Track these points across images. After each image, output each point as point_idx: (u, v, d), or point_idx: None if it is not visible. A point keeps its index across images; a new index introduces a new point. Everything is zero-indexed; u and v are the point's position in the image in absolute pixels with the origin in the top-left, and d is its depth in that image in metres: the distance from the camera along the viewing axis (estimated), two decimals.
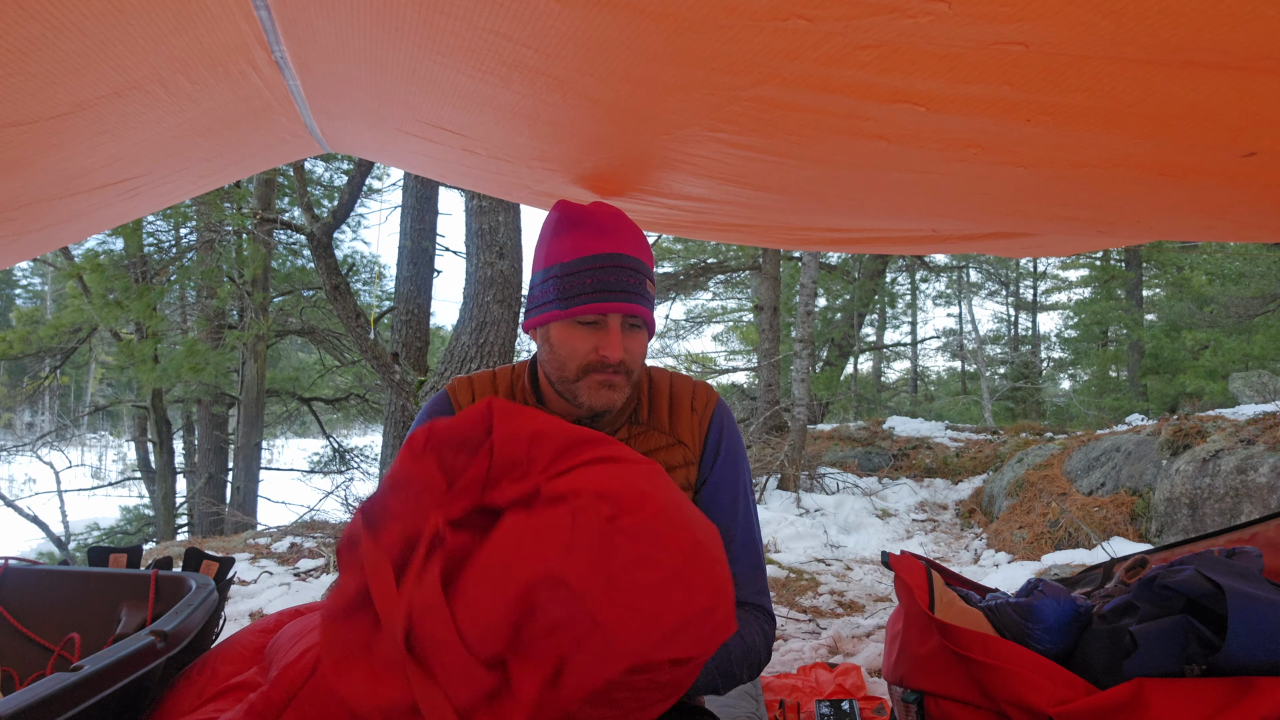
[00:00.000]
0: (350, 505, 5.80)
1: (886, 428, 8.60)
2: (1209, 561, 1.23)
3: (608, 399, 1.18)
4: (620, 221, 1.21)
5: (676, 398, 1.31)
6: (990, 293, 18.68)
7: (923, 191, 1.55)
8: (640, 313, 1.16)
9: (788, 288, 12.71)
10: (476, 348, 4.35)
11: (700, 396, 1.31)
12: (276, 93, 1.43)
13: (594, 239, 1.17)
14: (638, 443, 1.26)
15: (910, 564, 1.47)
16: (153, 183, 1.73)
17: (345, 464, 12.37)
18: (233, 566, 1.66)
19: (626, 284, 1.15)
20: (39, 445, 11.71)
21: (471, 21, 0.96)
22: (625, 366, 1.17)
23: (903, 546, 5.07)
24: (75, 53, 0.94)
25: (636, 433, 1.27)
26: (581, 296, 1.14)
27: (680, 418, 1.29)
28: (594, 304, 1.13)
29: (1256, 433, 4.05)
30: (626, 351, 1.16)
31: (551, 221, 1.24)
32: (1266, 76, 0.80)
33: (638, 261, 1.17)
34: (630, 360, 1.18)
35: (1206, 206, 1.46)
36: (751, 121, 1.18)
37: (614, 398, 1.18)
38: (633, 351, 1.18)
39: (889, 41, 0.83)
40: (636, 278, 1.16)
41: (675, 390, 1.32)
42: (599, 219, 1.20)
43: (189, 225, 9.94)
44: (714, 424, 1.29)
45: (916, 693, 1.35)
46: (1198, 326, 11.85)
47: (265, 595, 3.53)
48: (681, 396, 1.31)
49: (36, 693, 0.87)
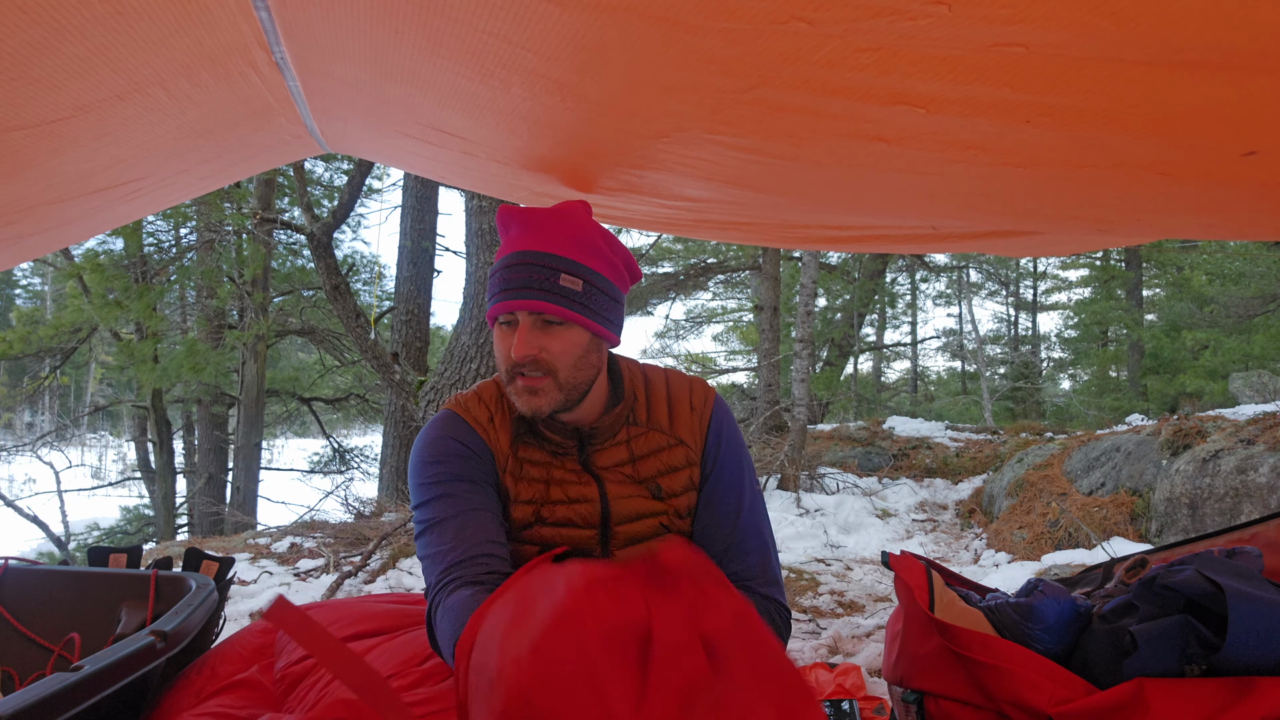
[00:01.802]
0: (350, 505, 5.80)
1: (886, 428, 8.60)
2: (1209, 561, 1.23)
3: (530, 404, 1.14)
4: (550, 218, 1.15)
5: (675, 397, 1.29)
6: (990, 293, 18.68)
7: (923, 192, 1.55)
8: (547, 310, 1.09)
9: (788, 288, 12.71)
10: (476, 348, 4.35)
11: (698, 394, 1.30)
12: (277, 94, 1.43)
13: (515, 240, 1.14)
14: (638, 444, 1.24)
15: (910, 564, 1.47)
16: (154, 184, 1.73)
17: (345, 464, 12.37)
18: (233, 566, 1.66)
19: (530, 280, 1.10)
20: (39, 445, 11.71)
21: (471, 24, 0.97)
22: (544, 366, 1.12)
23: (903, 546, 5.07)
24: (76, 57, 0.94)
25: (636, 433, 1.25)
26: (493, 298, 1.14)
27: (680, 417, 1.27)
28: (498, 303, 1.11)
29: (1256, 433, 4.05)
30: (543, 349, 1.11)
31: (499, 223, 1.21)
32: (1266, 76, 0.80)
33: (548, 256, 1.11)
34: (550, 359, 1.12)
35: (1207, 206, 1.46)
36: (751, 123, 1.18)
37: (537, 403, 1.13)
38: (551, 349, 1.12)
39: (888, 44, 0.83)
40: (544, 273, 1.10)
41: (673, 389, 1.30)
42: (527, 219, 1.15)
43: (189, 225, 9.94)
44: (714, 420, 1.28)
45: (916, 693, 1.35)
46: (1198, 326, 11.85)
47: (265, 595, 3.53)
48: (679, 395, 1.29)
49: (36, 693, 0.87)
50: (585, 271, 1.13)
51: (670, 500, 1.23)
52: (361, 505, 5.79)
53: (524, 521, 1.19)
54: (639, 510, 1.21)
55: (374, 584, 3.59)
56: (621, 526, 1.20)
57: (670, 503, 1.23)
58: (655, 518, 1.22)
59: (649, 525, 1.21)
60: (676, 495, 1.23)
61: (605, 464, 1.22)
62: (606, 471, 1.22)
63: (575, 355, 1.14)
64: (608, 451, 1.22)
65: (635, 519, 1.21)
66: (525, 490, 1.20)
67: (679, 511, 1.24)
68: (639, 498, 1.21)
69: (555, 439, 1.21)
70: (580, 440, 1.22)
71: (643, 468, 1.23)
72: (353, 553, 4.21)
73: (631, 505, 1.21)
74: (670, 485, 1.23)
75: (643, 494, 1.22)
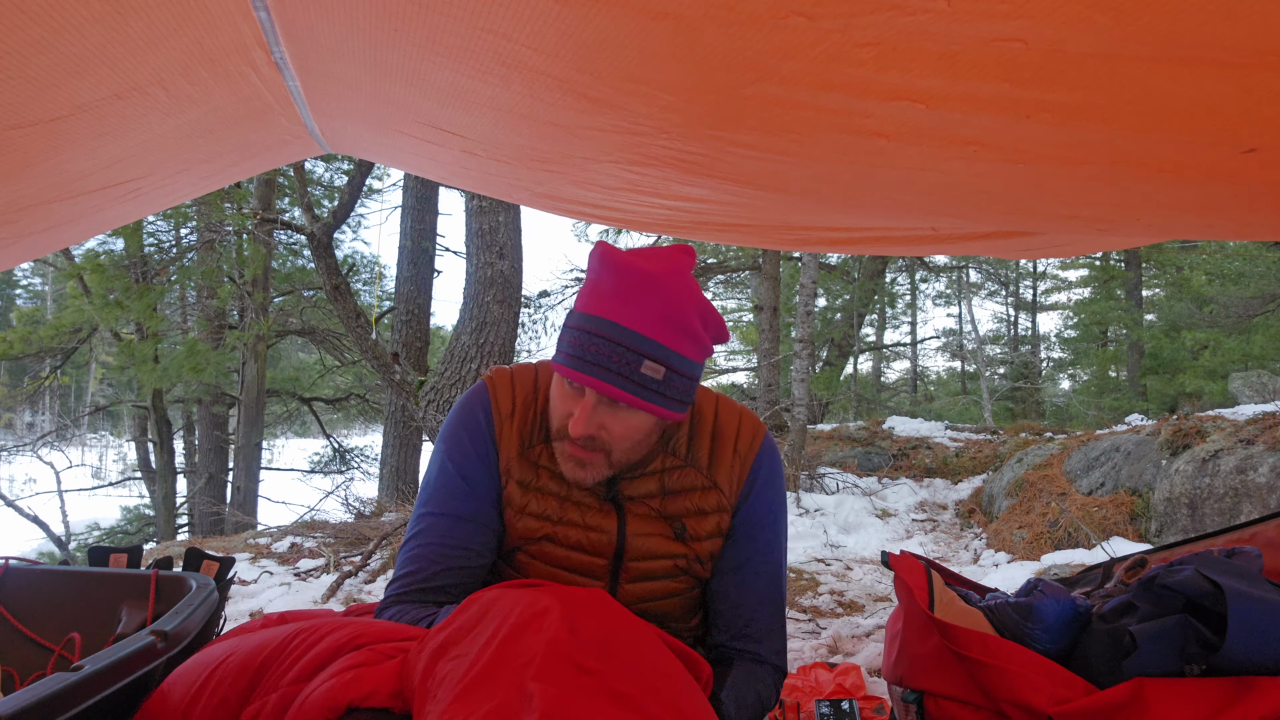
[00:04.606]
0: (350, 505, 5.80)
1: (886, 428, 8.59)
2: (1209, 561, 1.23)
3: (574, 474, 1.06)
4: (648, 285, 0.99)
5: (720, 434, 1.18)
6: (990, 293, 18.68)
7: (922, 189, 1.55)
8: (620, 398, 0.99)
9: (788, 288, 12.71)
10: (476, 348, 4.35)
11: (745, 436, 1.19)
12: (276, 94, 1.43)
13: (603, 300, 1.00)
14: (671, 478, 1.15)
15: (910, 564, 1.47)
16: (153, 184, 1.73)
17: (345, 464, 12.38)
18: (233, 566, 1.66)
19: (608, 360, 0.98)
20: (39, 445, 11.70)
21: (470, 21, 0.96)
22: (599, 444, 1.03)
23: (903, 546, 5.06)
24: (75, 56, 0.94)
25: (672, 465, 1.15)
26: (565, 356, 1.02)
27: (721, 459, 1.17)
28: (568, 369, 1.01)
29: (1256, 433, 4.05)
30: (603, 428, 1.02)
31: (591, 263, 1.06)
32: (1266, 73, 0.80)
33: (637, 337, 0.98)
34: (608, 439, 1.03)
35: (1206, 203, 1.45)
36: (751, 119, 1.18)
37: (582, 475, 1.06)
38: (611, 430, 1.02)
39: (888, 39, 0.83)
40: (625, 355, 0.98)
41: (720, 425, 1.19)
42: (622, 277, 1.00)
43: (189, 225, 9.94)
44: (756, 469, 1.18)
45: (916, 692, 1.35)
46: (1197, 326, 11.84)
47: (265, 595, 3.53)
48: (725, 434, 1.18)
49: (36, 693, 0.87)
50: (670, 357, 1.00)
51: (693, 544, 1.15)
52: (361, 505, 5.79)
53: (532, 535, 1.14)
54: (657, 550, 1.14)
55: (374, 584, 3.60)
56: (635, 562, 1.14)
57: (693, 546, 1.15)
58: (673, 559, 1.15)
59: (664, 565, 1.15)
60: (701, 540, 1.16)
61: (633, 493, 1.14)
62: (632, 502, 1.14)
63: (636, 439, 1.06)
64: (638, 482, 1.14)
65: (651, 558, 1.14)
66: (537, 503, 1.13)
67: (699, 556, 1.16)
68: (660, 536, 1.14)
69: None
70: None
71: (671, 504, 1.15)
72: (353, 553, 4.21)
73: (650, 544, 1.14)
74: (696, 528, 1.15)
75: (665, 532, 1.14)
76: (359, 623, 0.97)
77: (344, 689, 0.82)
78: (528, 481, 1.14)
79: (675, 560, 1.15)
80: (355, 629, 0.94)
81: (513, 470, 1.14)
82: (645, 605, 1.16)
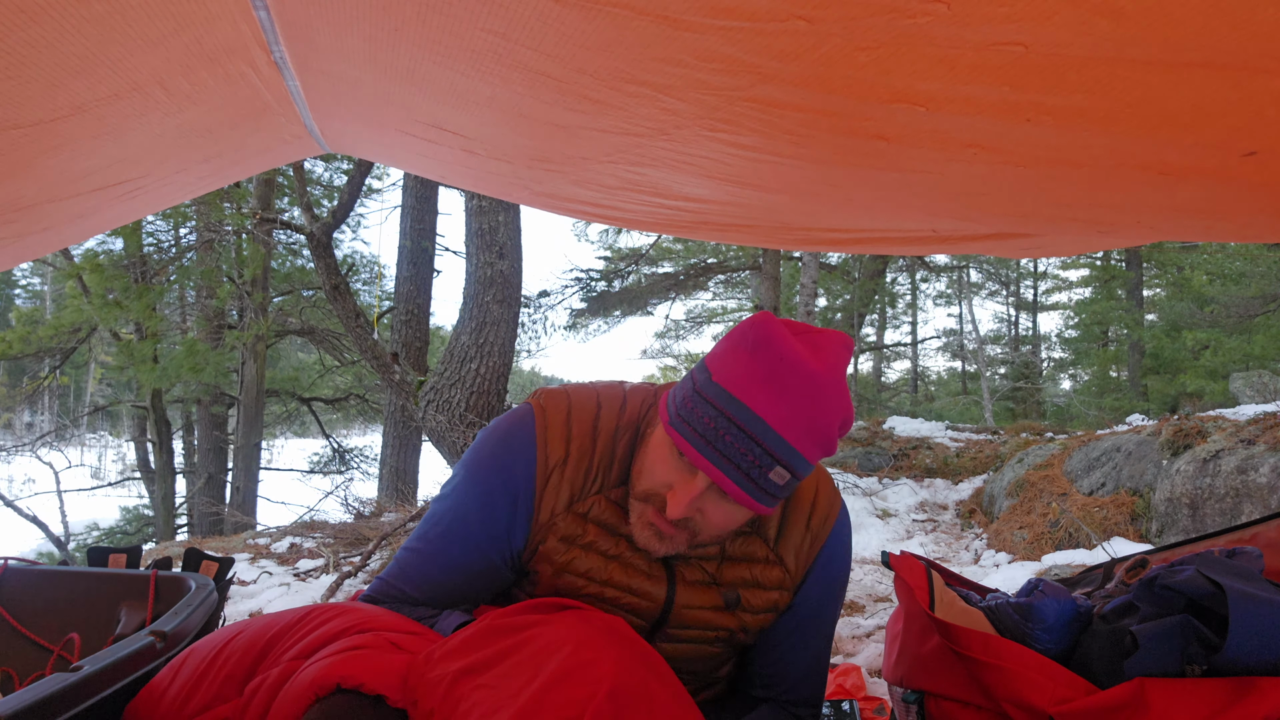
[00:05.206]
0: (349, 505, 5.80)
1: (887, 428, 8.59)
2: (1209, 562, 1.22)
3: (651, 546, 0.98)
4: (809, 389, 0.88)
5: (794, 507, 1.09)
6: (990, 293, 18.69)
7: (922, 191, 1.55)
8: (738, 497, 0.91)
9: (788, 288, 12.71)
10: (476, 348, 4.35)
11: (820, 510, 1.10)
12: (276, 93, 1.43)
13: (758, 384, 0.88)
14: (735, 545, 1.07)
15: (910, 564, 1.47)
16: (153, 184, 1.73)
17: (345, 464, 12.38)
18: (232, 566, 1.66)
19: (740, 456, 0.88)
20: (39, 445, 11.71)
21: (470, 21, 0.96)
22: (691, 527, 0.96)
23: (903, 546, 5.06)
24: (75, 55, 0.94)
25: (740, 530, 1.07)
26: (690, 431, 0.90)
27: (790, 535, 1.09)
28: (690, 447, 0.90)
29: (1257, 433, 4.05)
30: (700, 512, 0.94)
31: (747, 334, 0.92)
32: (1266, 76, 0.80)
33: (780, 443, 0.88)
34: (700, 525, 0.96)
35: (1207, 206, 1.45)
36: (751, 122, 1.18)
37: (658, 548, 0.98)
38: (709, 517, 0.95)
39: (888, 42, 0.83)
40: (763, 459, 0.89)
41: (796, 496, 1.09)
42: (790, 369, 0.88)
43: (189, 225, 9.95)
44: (826, 547, 1.11)
45: (917, 693, 1.35)
46: (1198, 326, 11.84)
47: (265, 595, 3.53)
48: (799, 507, 1.09)
49: (36, 693, 0.87)
50: (802, 466, 0.92)
51: (743, 615, 1.07)
52: (361, 505, 5.79)
53: (572, 592, 1.03)
54: (704, 621, 1.06)
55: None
56: (677, 629, 1.07)
57: (742, 618, 1.07)
58: (717, 631, 1.07)
59: (707, 635, 1.08)
60: (754, 613, 1.08)
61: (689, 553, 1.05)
62: (685, 565, 1.05)
63: (729, 529, 0.99)
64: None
65: (696, 627, 1.07)
66: (581, 560, 1.02)
67: (747, 628, 1.09)
68: (710, 609, 1.06)
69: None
70: None
71: (728, 572, 1.06)
72: (352, 553, 4.21)
73: (698, 616, 1.06)
74: (751, 601, 1.07)
75: (716, 603, 1.06)
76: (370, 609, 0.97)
77: (336, 668, 0.82)
78: (573, 537, 1.02)
79: (719, 632, 1.08)
80: (365, 614, 0.94)
81: (556, 526, 1.02)
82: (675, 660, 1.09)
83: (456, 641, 0.86)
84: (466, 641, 0.86)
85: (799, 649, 1.15)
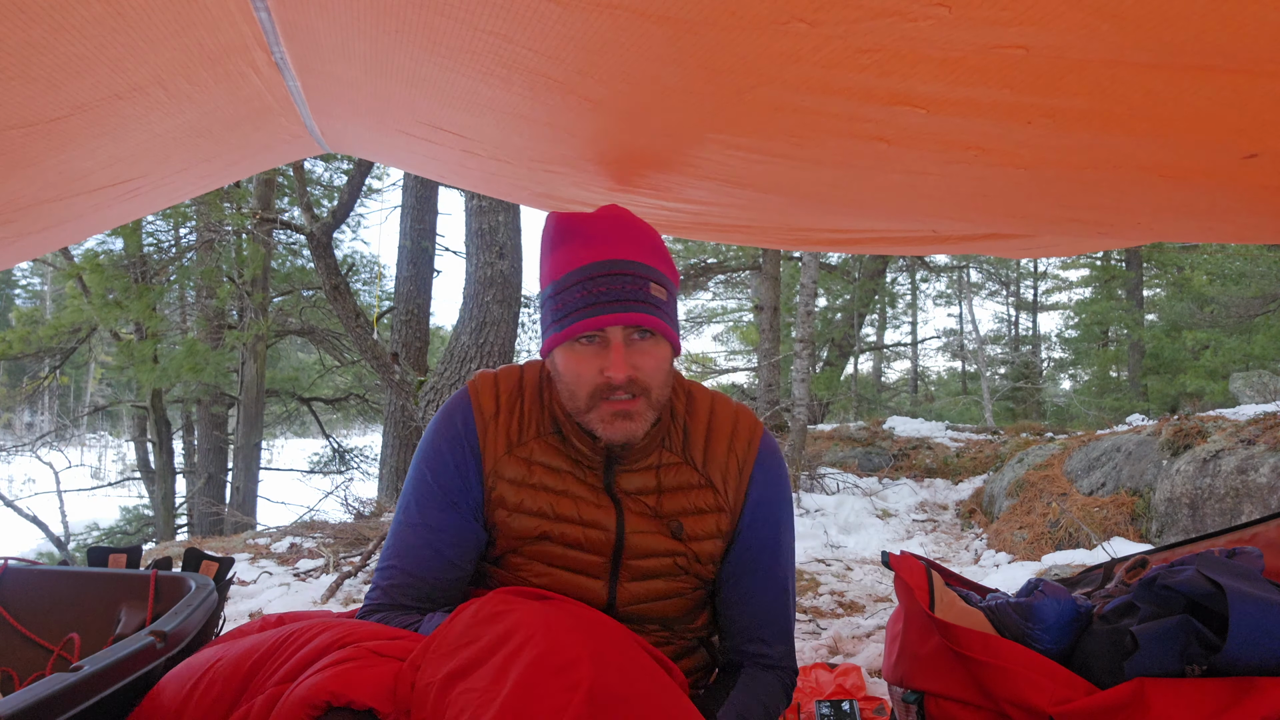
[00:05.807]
0: (349, 505, 5.80)
1: (887, 428, 8.60)
2: (1209, 562, 1.22)
3: (625, 430, 1.04)
4: (617, 224, 1.07)
5: (714, 430, 1.17)
6: (991, 293, 18.68)
7: (923, 192, 1.55)
8: (645, 321, 1.01)
9: (788, 288, 12.71)
10: (476, 348, 4.35)
11: (741, 434, 1.17)
12: (276, 94, 1.43)
13: (584, 248, 1.04)
14: (667, 475, 1.14)
15: (910, 564, 1.47)
16: (153, 184, 1.73)
17: (345, 464, 12.37)
18: (232, 566, 1.66)
19: (624, 292, 1.01)
20: (39, 445, 11.70)
21: (471, 23, 0.96)
22: (639, 386, 1.03)
23: (903, 546, 5.07)
24: (76, 56, 0.94)
25: (668, 461, 1.14)
26: (574, 314, 1.02)
27: (714, 457, 1.15)
28: (587, 319, 1.01)
29: (1257, 433, 4.05)
30: (636, 368, 1.02)
31: (545, 237, 1.11)
32: (1266, 79, 0.80)
33: (637, 265, 1.03)
34: (644, 377, 1.04)
35: (1207, 208, 1.46)
36: (752, 123, 1.18)
37: (632, 428, 1.05)
38: (644, 367, 1.03)
39: (889, 45, 0.83)
40: (635, 283, 1.02)
41: (714, 421, 1.17)
42: (591, 225, 1.07)
43: (189, 225, 9.94)
44: (757, 472, 1.17)
45: (917, 693, 1.35)
46: (1198, 326, 11.84)
47: (265, 595, 3.53)
48: (720, 431, 1.17)
49: (36, 693, 0.87)
50: (665, 280, 1.06)
51: (690, 544, 1.14)
52: (361, 505, 5.79)
53: (529, 534, 1.11)
54: (655, 548, 1.12)
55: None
56: (634, 561, 1.12)
57: (690, 545, 1.14)
58: (671, 557, 1.13)
59: (664, 563, 1.13)
60: (699, 540, 1.14)
61: (629, 488, 1.13)
62: (629, 498, 1.13)
63: (665, 371, 1.07)
64: (635, 475, 1.13)
65: (650, 556, 1.13)
66: (531, 499, 1.11)
67: (699, 557, 1.14)
68: (657, 534, 1.12)
69: (583, 450, 1.11)
70: (609, 457, 1.12)
71: (666, 503, 1.13)
72: (352, 553, 4.21)
73: (648, 541, 1.12)
74: (693, 528, 1.14)
75: (662, 530, 1.12)
76: (349, 623, 0.97)
77: (323, 686, 0.81)
78: (520, 478, 1.12)
79: (675, 558, 1.13)
80: (345, 629, 0.94)
81: (502, 470, 1.12)
82: (647, 605, 1.15)
83: (439, 640, 0.87)
84: (449, 640, 0.86)
85: (760, 590, 1.18)
